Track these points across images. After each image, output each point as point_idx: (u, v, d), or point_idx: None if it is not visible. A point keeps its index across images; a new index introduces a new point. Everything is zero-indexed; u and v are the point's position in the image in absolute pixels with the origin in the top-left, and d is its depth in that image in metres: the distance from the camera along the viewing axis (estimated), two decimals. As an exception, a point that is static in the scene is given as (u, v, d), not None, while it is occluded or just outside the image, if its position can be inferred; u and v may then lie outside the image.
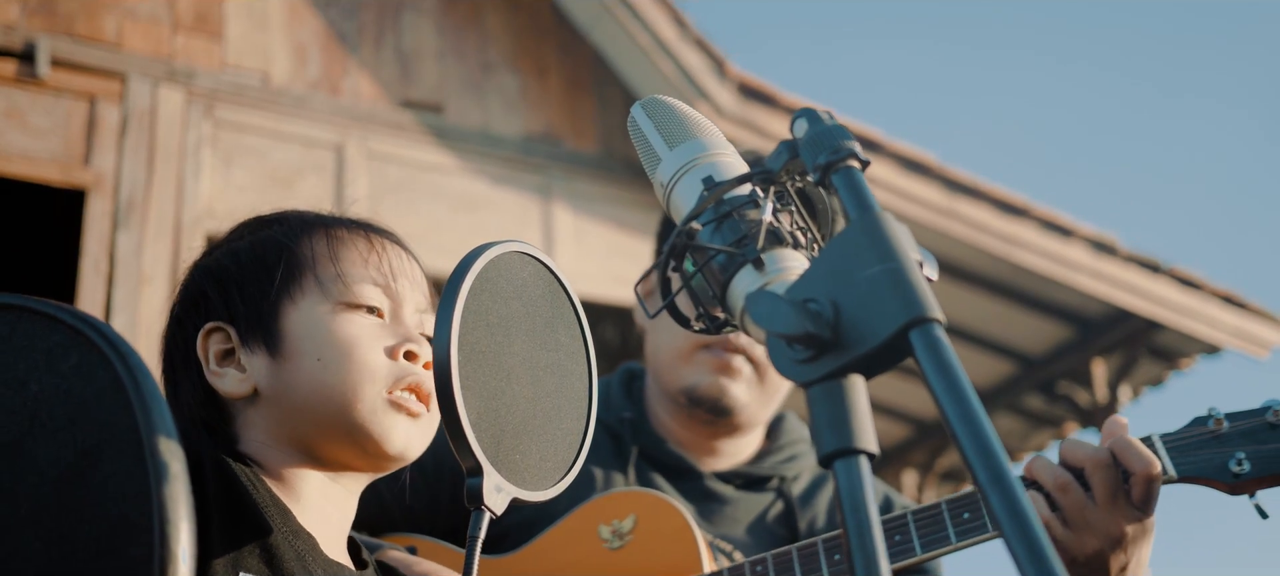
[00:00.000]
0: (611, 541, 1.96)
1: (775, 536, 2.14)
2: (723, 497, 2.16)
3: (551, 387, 1.25)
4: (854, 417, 0.88)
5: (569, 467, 1.25)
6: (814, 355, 0.89)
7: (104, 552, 0.87)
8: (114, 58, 5.91)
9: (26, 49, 5.67)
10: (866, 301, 0.88)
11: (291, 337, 1.44)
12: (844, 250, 0.91)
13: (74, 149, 5.72)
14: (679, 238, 1.00)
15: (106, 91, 5.85)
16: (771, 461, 2.23)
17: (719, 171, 1.04)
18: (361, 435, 1.41)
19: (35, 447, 0.91)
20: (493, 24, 7.03)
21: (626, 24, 6.74)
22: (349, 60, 6.53)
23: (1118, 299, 7.66)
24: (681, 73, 6.69)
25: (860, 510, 0.87)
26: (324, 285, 1.46)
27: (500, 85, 6.91)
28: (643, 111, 1.11)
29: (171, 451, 0.89)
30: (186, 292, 1.55)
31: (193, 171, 5.90)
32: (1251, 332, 8.00)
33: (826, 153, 0.94)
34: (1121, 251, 7.66)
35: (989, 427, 0.83)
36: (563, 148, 6.92)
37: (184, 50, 6.11)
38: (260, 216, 1.60)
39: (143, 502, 0.87)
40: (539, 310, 1.25)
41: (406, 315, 1.49)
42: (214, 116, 6.06)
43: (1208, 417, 1.78)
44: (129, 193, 5.72)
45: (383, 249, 1.52)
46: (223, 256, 1.54)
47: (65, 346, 0.93)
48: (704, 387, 2.14)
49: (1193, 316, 7.83)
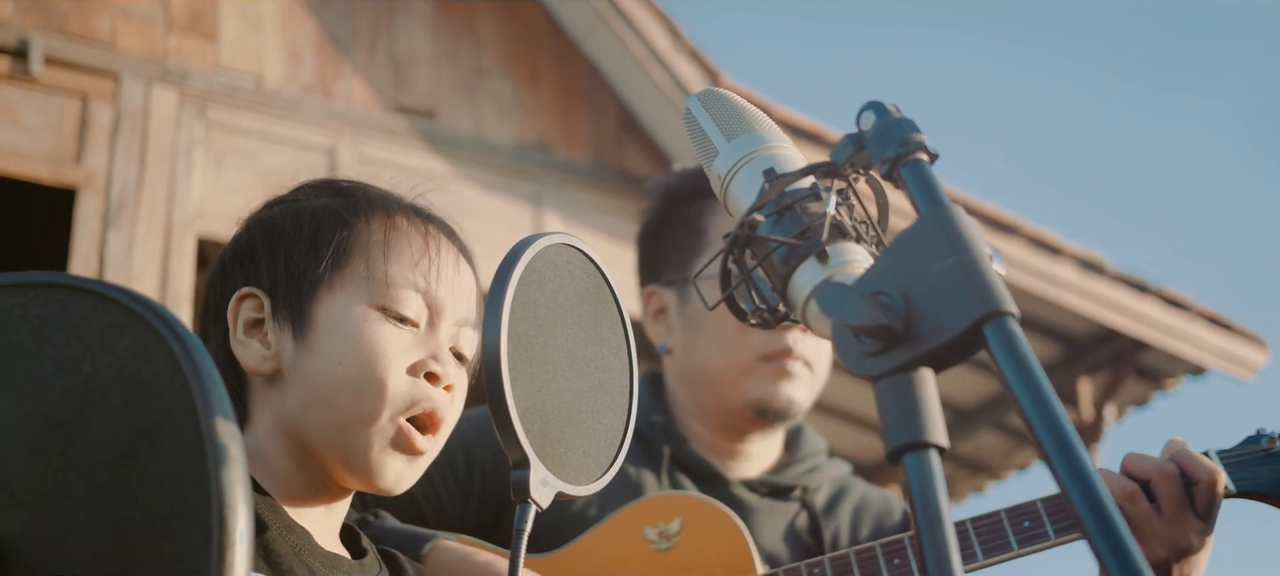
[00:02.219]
0: (659, 543, 1.96)
1: (802, 545, 2.14)
2: (749, 505, 2.16)
3: (595, 382, 1.24)
4: (924, 411, 0.88)
5: (611, 463, 1.24)
6: (883, 348, 0.89)
7: (160, 536, 0.86)
8: (107, 57, 5.88)
9: (20, 46, 5.64)
10: (938, 294, 0.88)
11: (320, 328, 1.42)
12: (914, 243, 0.90)
13: (66, 147, 5.68)
14: (741, 229, 1.00)
15: (99, 90, 5.81)
16: (794, 471, 2.23)
17: (779, 164, 1.04)
18: (357, 461, 1.40)
19: (88, 428, 0.90)
20: (486, 31, 7.02)
21: (620, 33, 6.74)
22: (342, 64, 6.51)
23: (1105, 318, 7.69)
24: (675, 83, 6.69)
25: (931, 504, 0.86)
26: (368, 281, 1.44)
27: (493, 92, 6.90)
28: (698, 103, 1.11)
29: (230, 434, 0.88)
30: (238, 244, 1.53)
31: (184, 172, 5.87)
32: (1237, 354, 8.03)
33: (895, 145, 0.94)
34: (1109, 271, 7.69)
35: (1067, 422, 0.82)
36: (555, 156, 6.91)
37: (177, 51, 6.08)
38: (332, 181, 1.58)
39: (200, 486, 0.86)
40: (583, 304, 1.24)
41: (442, 329, 1.46)
42: (206, 117, 6.03)
43: (1259, 436, 1.83)
44: (120, 192, 5.69)
45: (438, 253, 1.49)
46: (283, 215, 1.51)
47: (120, 327, 0.91)
48: (770, 398, 2.15)
49: (1179, 337, 7.87)
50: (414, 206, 1.54)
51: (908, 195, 0.93)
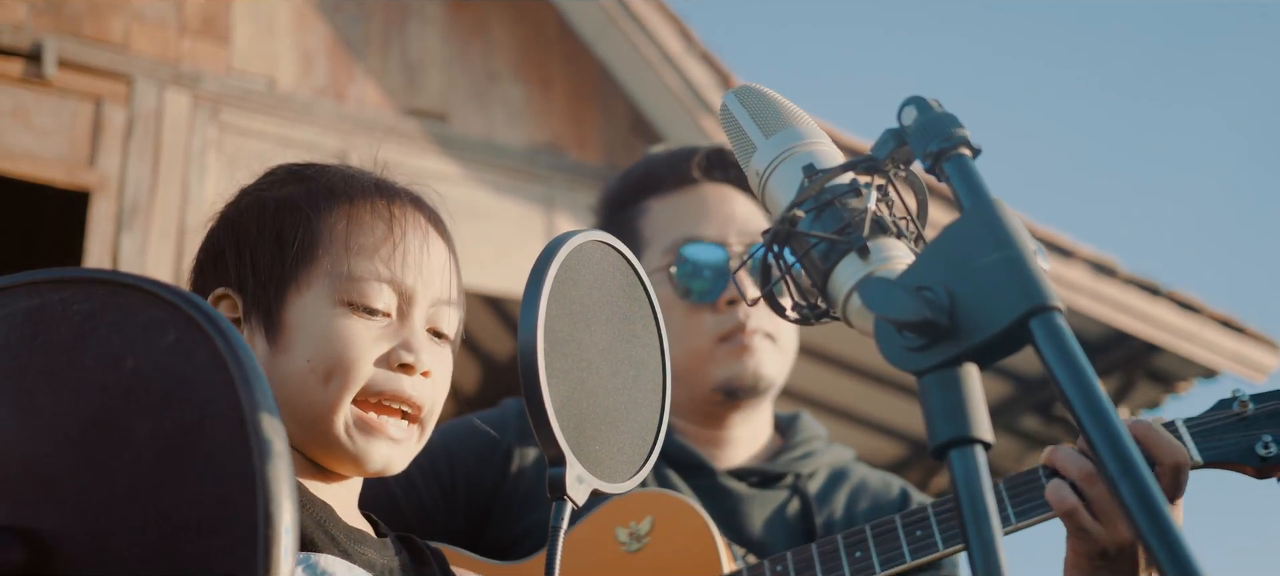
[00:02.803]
0: (629, 543, 1.95)
1: (792, 533, 2.12)
2: (736, 494, 2.15)
3: (629, 379, 1.23)
4: (969, 406, 0.87)
5: (644, 461, 1.24)
6: (928, 343, 0.89)
7: (205, 531, 0.86)
8: (121, 60, 5.88)
9: (33, 49, 5.64)
10: (984, 289, 0.87)
11: (289, 330, 1.42)
12: (959, 238, 0.90)
13: (79, 150, 5.69)
14: (782, 224, 0.99)
15: (112, 93, 5.82)
16: (787, 458, 2.22)
17: (819, 160, 1.03)
18: (339, 451, 1.41)
19: (132, 424, 0.89)
20: (498, 34, 7.02)
21: (632, 37, 6.74)
22: (355, 67, 6.52)
23: (1117, 321, 7.67)
24: (687, 86, 6.68)
25: (977, 500, 0.85)
26: (334, 278, 1.43)
27: (505, 95, 6.90)
28: (736, 99, 1.10)
29: (274, 429, 0.87)
30: (209, 244, 1.53)
31: (197, 175, 5.88)
32: (1249, 357, 8.01)
33: (938, 140, 0.93)
34: (1121, 274, 7.67)
35: (1115, 416, 0.82)
36: (567, 159, 6.91)
37: (191, 54, 6.09)
38: (291, 167, 1.56)
39: (246, 481, 0.85)
40: (617, 301, 1.24)
41: (414, 316, 1.45)
42: (220, 120, 6.04)
43: (1232, 400, 1.76)
44: (133, 195, 5.70)
45: (403, 236, 1.47)
46: (247, 212, 1.50)
47: (163, 322, 0.91)
48: (738, 377, 2.16)
49: (1191, 340, 7.84)
50: (378, 185, 1.52)
51: (951, 190, 0.93)
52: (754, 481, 2.18)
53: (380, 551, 1.46)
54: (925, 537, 1.85)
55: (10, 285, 0.94)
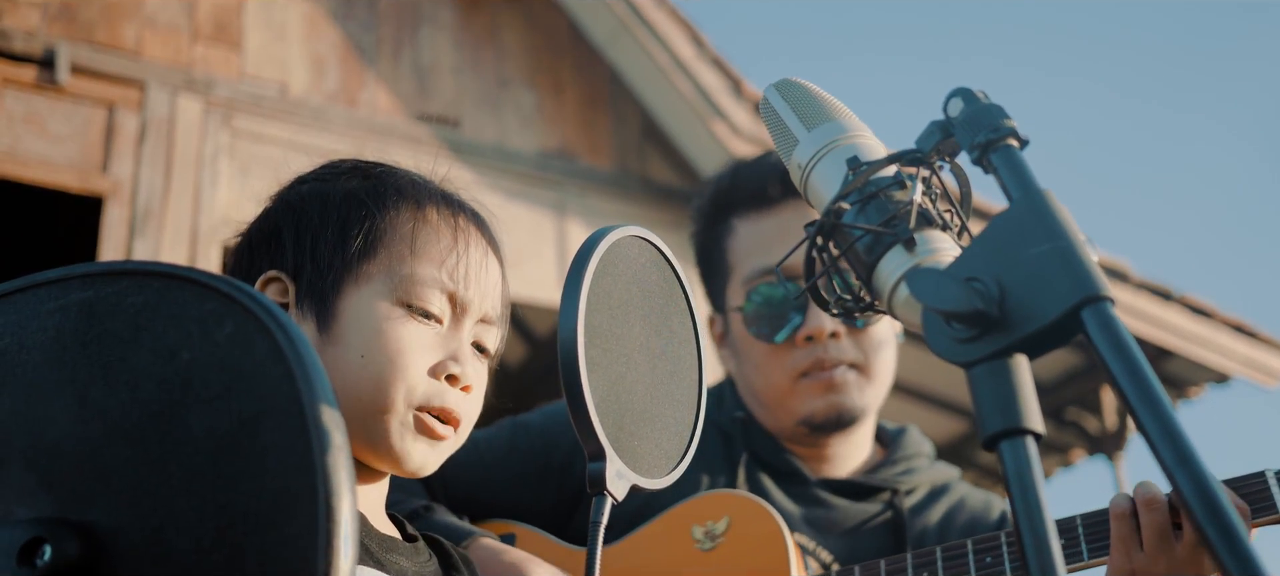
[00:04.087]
0: (703, 542, 1.95)
1: (881, 547, 2.10)
2: (829, 505, 2.13)
3: (666, 374, 1.23)
4: (1021, 397, 0.87)
5: (682, 457, 1.23)
6: (977, 334, 0.88)
7: (264, 525, 0.84)
8: (133, 66, 5.90)
9: (47, 55, 5.66)
10: (1034, 280, 0.87)
11: (343, 321, 1.41)
12: (1008, 229, 0.89)
13: (92, 156, 5.70)
14: (826, 217, 0.99)
15: (125, 99, 5.83)
16: (886, 473, 2.19)
17: (862, 152, 1.03)
18: (382, 447, 1.40)
19: (188, 417, 0.88)
20: (509, 40, 7.03)
21: (644, 42, 6.74)
22: (366, 73, 6.53)
23: (1129, 326, 7.62)
24: (698, 92, 6.69)
25: (1029, 491, 0.85)
26: (392, 278, 1.43)
27: (516, 101, 6.91)
28: (777, 93, 1.10)
29: (334, 422, 0.86)
30: (264, 223, 1.51)
31: (210, 180, 5.88)
32: (1261, 362, 7.99)
33: (986, 131, 0.93)
34: (1133, 279, 7.66)
35: (1170, 407, 0.81)
36: (578, 164, 6.91)
37: (203, 60, 6.10)
38: (361, 164, 1.56)
39: (306, 474, 0.84)
40: (654, 296, 1.24)
41: (464, 327, 1.45)
42: (232, 126, 6.05)
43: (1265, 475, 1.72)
44: (146, 201, 5.70)
45: (465, 248, 1.48)
46: (310, 198, 1.50)
47: (219, 315, 0.90)
48: (821, 411, 2.12)
49: (1203, 345, 7.83)
50: (444, 195, 1.52)
51: (999, 181, 0.93)
52: (849, 493, 2.16)
53: (411, 557, 1.45)
54: (995, 565, 1.83)
55: (64, 277, 0.94)
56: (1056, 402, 8.54)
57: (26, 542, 0.85)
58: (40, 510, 0.88)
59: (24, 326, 0.94)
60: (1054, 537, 0.83)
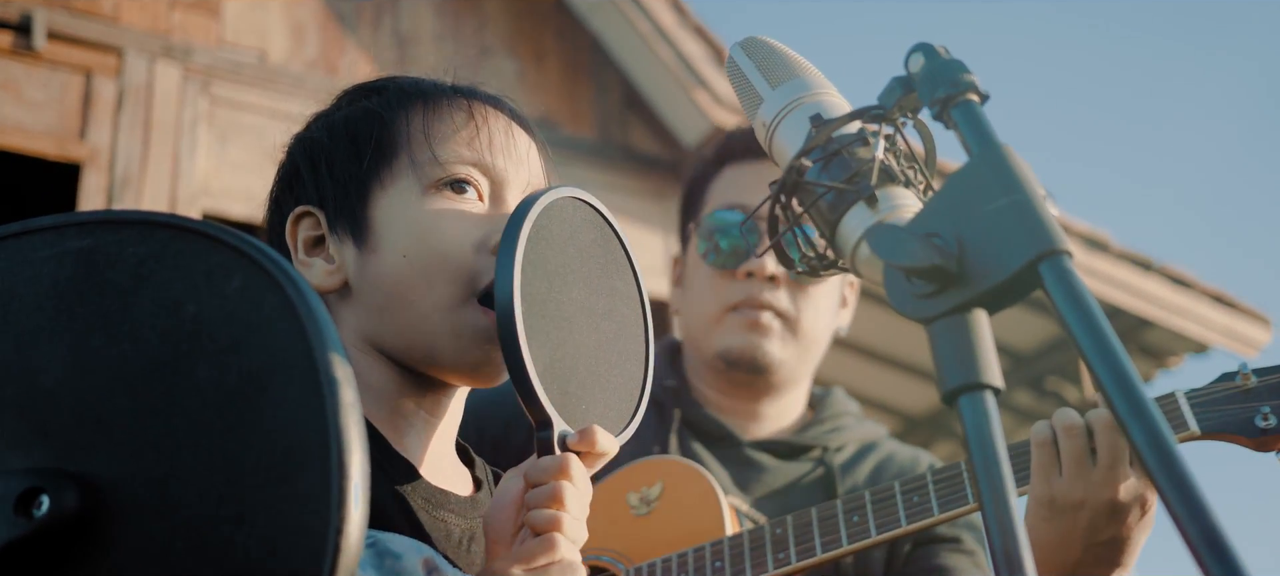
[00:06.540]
0: (639, 508, 1.97)
1: (812, 503, 2.12)
2: (760, 465, 2.16)
3: (610, 335, 1.22)
4: (979, 352, 0.87)
5: (632, 416, 1.23)
6: (937, 290, 0.88)
7: (274, 479, 0.84)
8: (111, 32, 5.85)
9: (23, 21, 5.61)
10: (992, 234, 0.87)
11: (379, 227, 1.35)
12: (967, 184, 0.89)
13: (69, 123, 5.66)
14: (789, 175, 0.99)
15: (103, 66, 5.79)
16: (814, 431, 2.23)
17: (825, 110, 1.03)
18: (445, 356, 1.31)
19: (195, 370, 0.87)
20: (491, 8, 6.99)
21: (625, 10, 6.72)
22: (347, 41, 6.49)
23: (1108, 296, 7.68)
24: (680, 60, 6.67)
25: (987, 446, 0.85)
26: (417, 167, 1.36)
27: (498, 69, 6.88)
28: (742, 51, 1.10)
29: (346, 376, 0.85)
30: (282, 171, 1.47)
31: (188, 148, 5.85)
32: (1240, 332, 8.03)
33: (946, 86, 0.93)
34: (1113, 249, 7.68)
35: (1126, 359, 0.82)
36: (560, 133, 6.89)
37: (181, 26, 6.06)
38: (363, 84, 1.51)
39: (317, 430, 0.83)
40: (592, 256, 1.22)
41: (508, 197, 1.37)
42: (210, 93, 6.01)
43: (1235, 374, 1.74)
44: (124, 168, 5.67)
45: (485, 121, 1.40)
46: (318, 129, 1.45)
47: (227, 267, 0.89)
48: (738, 348, 2.15)
49: (1183, 314, 7.87)
50: (454, 85, 1.46)
51: (959, 136, 0.93)
52: (779, 452, 2.18)
53: (464, 513, 1.35)
54: (922, 503, 1.85)
55: (60, 224, 0.92)
56: (1036, 372, 8.57)
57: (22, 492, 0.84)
58: (35, 460, 0.86)
59: (15, 273, 0.92)
60: (1012, 491, 0.84)
